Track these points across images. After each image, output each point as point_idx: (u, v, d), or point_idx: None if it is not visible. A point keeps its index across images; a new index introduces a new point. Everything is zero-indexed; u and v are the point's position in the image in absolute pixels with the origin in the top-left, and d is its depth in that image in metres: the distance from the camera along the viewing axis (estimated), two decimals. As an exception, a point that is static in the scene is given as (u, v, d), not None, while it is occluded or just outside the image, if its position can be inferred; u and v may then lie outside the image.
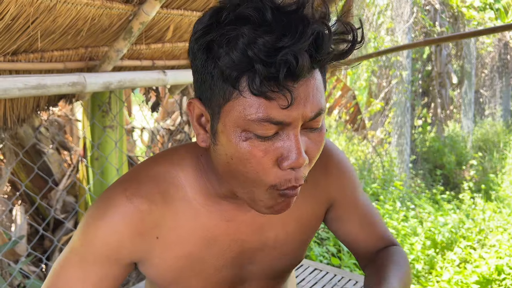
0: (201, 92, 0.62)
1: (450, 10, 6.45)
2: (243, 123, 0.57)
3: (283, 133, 0.59)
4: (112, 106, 2.14)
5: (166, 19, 1.69)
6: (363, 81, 5.33)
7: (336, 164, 0.82)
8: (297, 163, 0.58)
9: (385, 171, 4.87)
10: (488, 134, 7.92)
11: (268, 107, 0.56)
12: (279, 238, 0.77)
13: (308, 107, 0.58)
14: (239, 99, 0.57)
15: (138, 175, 0.71)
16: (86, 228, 0.69)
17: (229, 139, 0.59)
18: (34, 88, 1.44)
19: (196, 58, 0.60)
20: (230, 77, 0.56)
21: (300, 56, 0.53)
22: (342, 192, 0.83)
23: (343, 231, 0.85)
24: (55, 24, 1.40)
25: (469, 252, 3.35)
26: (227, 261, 0.75)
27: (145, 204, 0.68)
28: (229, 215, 0.73)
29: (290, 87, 0.55)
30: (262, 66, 0.53)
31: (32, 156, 2.20)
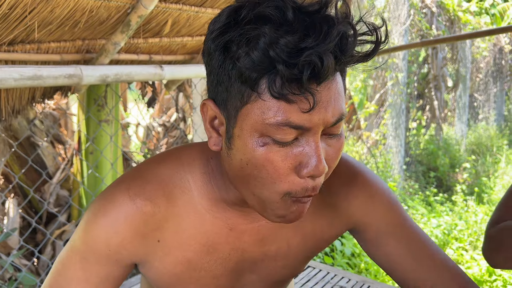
0: (216, 93, 0.59)
1: (447, 14, 6.49)
2: (261, 127, 0.54)
3: (302, 138, 0.56)
4: (108, 100, 2.14)
5: (164, 13, 1.68)
6: (359, 81, 5.35)
7: (363, 185, 0.75)
8: (317, 171, 0.55)
9: (379, 172, 4.89)
10: (481, 138, 7.97)
11: (288, 111, 0.53)
12: (281, 252, 0.74)
13: (329, 112, 0.55)
14: (257, 102, 0.54)
15: (143, 174, 0.69)
16: (87, 226, 0.68)
17: (245, 143, 0.56)
18: (30, 79, 1.43)
19: (213, 58, 0.57)
20: (249, 79, 0.53)
21: (325, 57, 0.50)
22: (379, 216, 0.75)
23: (382, 256, 0.76)
24: (52, 15, 1.39)
25: (461, 253, 3.37)
26: (226, 270, 0.73)
27: (148, 206, 0.66)
28: (232, 223, 0.70)
29: (313, 90, 0.52)
30: (285, 67, 0.50)
31: (26, 148, 2.19)
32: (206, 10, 1.77)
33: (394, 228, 0.75)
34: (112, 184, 0.70)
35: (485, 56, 8.69)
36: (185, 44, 1.99)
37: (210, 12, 1.80)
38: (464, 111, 7.75)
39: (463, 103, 7.68)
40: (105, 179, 2.13)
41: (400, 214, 0.76)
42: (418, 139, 6.27)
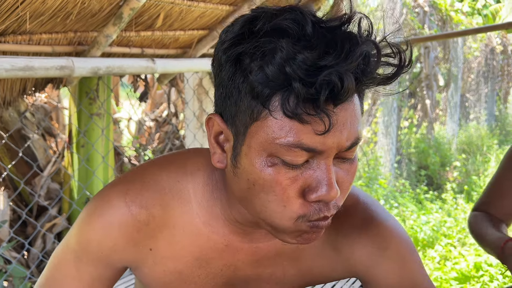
0: (224, 107, 0.55)
1: (439, 13, 6.54)
2: (271, 146, 0.51)
3: (313, 161, 0.52)
4: (100, 94, 2.14)
5: (156, 6, 1.69)
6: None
7: (376, 234, 0.67)
8: (327, 196, 0.52)
9: (370, 170, 4.93)
10: (472, 137, 8.05)
11: (301, 132, 0.49)
12: (275, 277, 0.71)
13: (344, 135, 0.51)
14: (268, 120, 0.50)
15: (144, 179, 0.66)
16: (82, 226, 0.68)
17: (252, 163, 0.53)
18: (21, 69, 1.44)
19: (223, 70, 0.54)
20: (261, 94, 0.50)
21: (345, 78, 0.46)
22: (392, 273, 0.66)
23: None
24: (44, 5, 1.39)
25: (449, 249, 3.42)
26: (217, 285, 0.70)
27: (144, 214, 0.64)
28: (229, 239, 0.66)
29: (330, 112, 0.49)
30: (301, 85, 0.47)
31: (16, 141, 2.18)
32: (199, 4, 1.78)
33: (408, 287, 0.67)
34: (110, 184, 0.68)
35: (477, 56, 8.77)
36: (178, 38, 2.00)
37: (203, 6, 1.81)
38: (455, 110, 7.82)
39: (455, 103, 7.75)
40: (96, 172, 2.13)
41: (417, 272, 0.67)
42: (410, 138, 6.32)
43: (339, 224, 0.66)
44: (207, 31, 2.05)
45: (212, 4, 1.84)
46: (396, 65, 0.51)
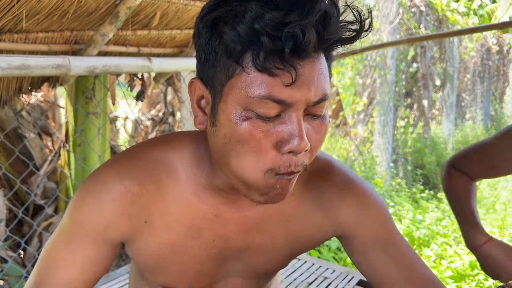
0: (204, 71, 0.60)
1: (435, 13, 6.56)
2: (245, 101, 0.55)
3: (285, 115, 0.56)
4: (96, 93, 2.14)
5: (153, 5, 1.69)
6: (347, 79, 5.40)
7: (358, 195, 0.74)
8: (298, 148, 0.56)
9: (366, 169, 4.95)
10: (468, 137, 8.09)
11: (271, 84, 0.54)
12: (264, 244, 0.74)
13: (312, 90, 0.56)
14: (241, 76, 0.55)
15: (133, 155, 0.70)
16: (76, 206, 0.69)
17: (229, 118, 0.57)
18: (17, 68, 1.43)
19: (201, 36, 0.59)
20: (234, 52, 0.55)
21: (307, 31, 0.52)
22: (369, 228, 0.75)
23: (368, 267, 0.76)
24: (40, 4, 1.39)
25: (445, 248, 3.44)
26: (209, 256, 0.73)
27: (136, 186, 0.67)
28: (218, 210, 0.70)
29: (295, 64, 0.54)
30: (268, 39, 0.52)
31: (13, 140, 2.18)
32: (195, 3, 1.78)
33: (384, 242, 0.75)
34: (102, 165, 0.71)
35: (473, 56, 8.81)
36: (174, 37, 2.00)
37: (199, 5, 1.81)
38: (451, 110, 7.85)
39: (451, 102, 7.78)
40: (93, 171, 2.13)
41: (391, 228, 0.77)
42: (406, 137, 6.34)
43: (323, 189, 0.74)
44: (204, 30, 2.05)
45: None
46: (356, 29, 0.56)
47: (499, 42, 9.80)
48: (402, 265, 0.75)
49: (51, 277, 0.69)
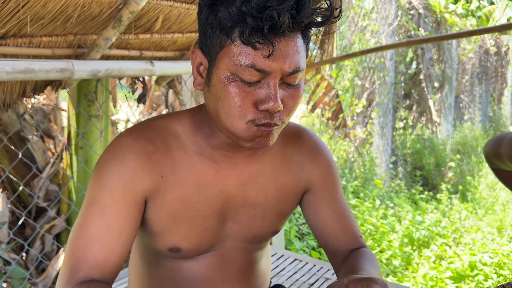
0: (203, 42, 0.74)
1: (434, 15, 6.59)
2: (233, 67, 0.69)
3: (264, 81, 0.70)
4: (98, 96, 2.15)
5: (155, 9, 1.71)
6: (347, 81, 5.42)
7: (324, 157, 0.93)
8: (272, 107, 0.69)
9: (366, 170, 4.96)
10: (466, 138, 8.11)
11: (254, 56, 0.67)
12: (259, 200, 0.87)
13: (287, 63, 0.69)
14: (231, 47, 0.69)
15: (141, 125, 0.82)
16: (100, 171, 0.77)
17: (219, 80, 0.71)
18: (22, 72, 1.45)
19: (202, 13, 0.72)
20: (225, 27, 0.68)
21: (281, 14, 0.64)
22: (324, 181, 0.92)
23: (315, 217, 0.92)
24: (45, 9, 1.41)
25: (445, 249, 3.45)
26: (214, 212, 0.83)
27: (150, 145, 0.78)
28: (218, 166, 0.83)
29: (273, 40, 0.67)
30: (252, 19, 0.65)
31: (15, 143, 2.19)
32: (197, 7, 1.80)
33: (333, 196, 0.93)
34: (116, 136, 0.81)
35: (471, 57, 8.84)
36: (176, 41, 2.02)
37: (201, 9, 1.83)
38: (450, 111, 7.88)
39: (449, 104, 7.80)
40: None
41: (340, 189, 0.95)
42: (405, 139, 6.36)
43: (297, 147, 0.91)
44: (205, 34, 2.07)
45: (210, 7, 1.86)
46: (328, 15, 0.69)
47: (497, 44, 9.84)
48: (339, 217, 0.92)
49: (88, 252, 0.73)
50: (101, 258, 0.73)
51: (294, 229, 3.21)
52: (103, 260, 0.73)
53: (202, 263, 0.87)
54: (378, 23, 5.30)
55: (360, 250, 0.90)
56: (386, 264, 3.23)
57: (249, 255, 0.91)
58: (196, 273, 0.87)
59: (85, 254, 0.73)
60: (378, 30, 5.28)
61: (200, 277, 0.87)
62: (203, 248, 0.85)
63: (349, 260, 0.87)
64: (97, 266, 0.73)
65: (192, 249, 0.84)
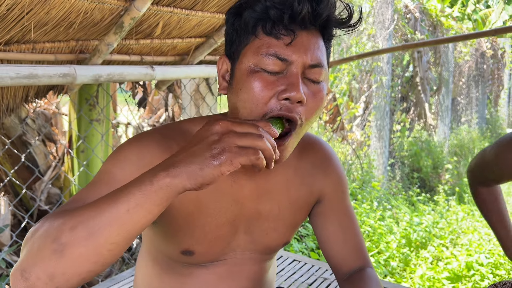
0: (228, 49, 0.78)
1: (430, 19, 6.65)
2: (256, 59, 0.72)
3: (286, 72, 0.72)
4: (99, 100, 2.19)
5: (156, 15, 1.74)
6: (344, 84, 5.46)
7: (335, 168, 0.94)
8: (294, 96, 0.70)
9: (364, 173, 5.00)
10: (463, 140, 8.16)
11: (276, 45, 0.71)
12: (272, 213, 0.87)
13: (308, 55, 0.72)
14: (254, 41, 0.73)
15: (168, 125, 0.84)
16: (119, 149, 0.77)
17: (242, 73, 0.73)
18: (25, 77, 1.48)
19: (228, 23, 0.77)
20: (249, 25, 0.73)
21: (301, 3, 0.69)
22: (334, 193, 0.93)
23: (322, 228, 0.93)
24: (48, 16, 1.45)
25: (442, 250, 3.49)
26: (227, 220, 0.84)
27: (175, 145, 0.79)
28: (235, 177, 0.83)
29: (294, 29, 0.71)
30: (275, 10, 0.70)
31: (18, 147, 2.22)
32: (197, 13, 1.84)
33: (342, 208, 0.94)
34: (141, 132, 0.83)
35: (467, 60, 8.90)
36: (176, 46, 2.05)
37: (200, 15, 1.87)
38: (447, 114, 7.93)
39: (446, 106, 7.86)
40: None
41: (349, 201, 0.96)
42: (402, 141, 6.40)
43: (311, 158, 0.91)
44: (204, 39, 2.11)
45: (209, 13, 1.90)
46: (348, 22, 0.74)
47: (493, 47, 9.91)
48: (346, 229, 0.93)
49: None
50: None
51: (293, 231, 3.23)
52: None
53: (212, 271, 0.88)
54: (375, 27, 5.36)
55: (365, 274, 0.90)
56: (384, 265, 3.26)
57: (259, 265, 0.92)
58: (205, 280, 0.88)
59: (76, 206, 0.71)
60: (374, 34, 5.33)
61: (209, 284, 0.88)
62: (215, 255, 0.86)
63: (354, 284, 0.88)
64: None
65: (205, 254, 0.85)
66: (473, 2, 9.88)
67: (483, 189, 1.21)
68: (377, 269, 3.13)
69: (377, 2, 5.35)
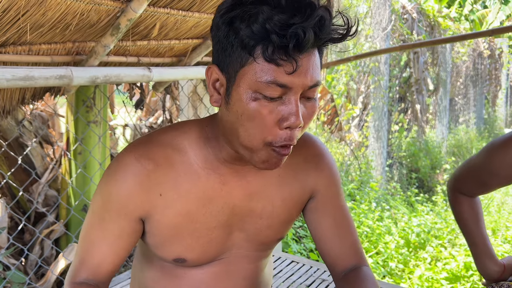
0: (220, 59, 0.73)
1: (427, 19, 6.66)
2: (254, 84, 0.69)
3: (286, 97, 0.70)
4: (97, 102, 2.18)
5: (152, 17, 1.74)
6: (341, 85, 5.47)
7: (328, 164, 0.94)
8: (294, 124, 0.70)
9: (362, 173, 5.00)
10: (461, 140, 8.18)
11: (276, 72, 0.68)
12: (266, 210, 0.87)
13: (308, 77, 0.70)
14: (253, 65, 0.69)
15: (147, 140, 0.83)
16: (102, 186, 0.81)
17: (241, 98, 0.70)
18: (22, 79, 1.48)
19: (219, 31, 0.72)
20: (248, 45, 0.68)
21: (307, 31, 0.65)
22: (327, 188, 0.93)
23: (316, 224, 0.93)
24: (44, 17, 1.44)
25: (440, 250, 3.49)
26: (219, 223, 0.84)
27: (151, 164, 0.79)
28: (225, 179, 0.83)
29: (296, 57, 0.67)
30: (277, 36, 0.65)
31: (15, 149, 2.22)
32: (193, 14, 1.84)
33: (335, 203, 0.94)
34: (122, 150, 0.83)
35: (465, 60, 8.92)
36: (173, 47, 2.05)
37: (197, 16, 1.87)
38: (444, 114, 7.94)
39: (444, 106, 7.87)
40: (94, 178, 2.17)
41: (342, 196, 0.96)
42: (400, 141, 6.41)
43: (304, 155, 0.91)
44: (201, 40, 2.10)
45: (206, 14, 1.89)
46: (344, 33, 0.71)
47: (490, 47, 9.93)
48: (340, 229, 0.93)
49: (89, 256, 0.82)
50: (95, 263, 0.82)
51: (291, 231, 3.24)
52: (97, 265, 0.82)
53: (207, 271, 0.88)
54: (372, 27, 5.36)
55: (361, 273, 0.90)
56: (383, 266, 3.26)
57: (254, 263, 0.92)
58: (201, 280, 0.88)
59: (87, 257, 0.83)
60: (372, 34, 5.34)
61: (205, 284, 0.88)
62: (209, 258, 0.87)
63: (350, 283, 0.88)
64: (93, 269, 0.82)
65: (197, 259, 0.86)
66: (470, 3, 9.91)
67: (464, 198, 1.17)
68: (375, 270, 3.13)
69: (375, 3, 5.36)
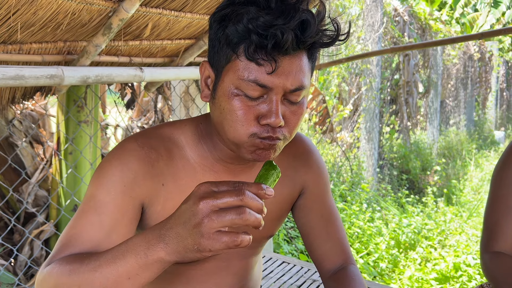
0: (211, 56, 0.76)
1: (418, 22, 6.72)
2: (237, 82, 0.71)
3: (266, 97, 0.72)
4: (88, 102, 2.17)
5: (144, 17, 1.74)
6: (333, 86, 5.49)
7: (316, 161, 0.96)
8: (273, 122, 0.71)
9: (353, 174, 5.02)
10: (452, 142, 8.25)
11: (257, 71, 0.69)
12: None
13: (289, 80, 0.71)
14: (236, 62, 0.71)
15: (147, 132, 0.84)
16: (102, 170, 0.78)
17: (224, 93, 0.73)
18: (12, 78, 1.47)
19: (212, 28, 0.75)
20: (232, 42, 0.70)
21: (286, 33, 0.67)
22: (316, 185, 0.95)
23: (304, 221, 0.95)
24: (35, 16, 1.43)
25: (430, 251, 3.52)
26: None
27: (154, 153, 0.80)
28: (219, 176, 0.85)
29: (276, 57, 0.69)
30: (257, 36, 0.67)
31: (4, 148, 2.20)
32: (186, 14, 1.84)
33: (324, 200, 0.96)
34: (123, 140, 0.83)
35: (456, 63, 9.01)
36: (165, 47, 2.05)
37: (189, 17, 1.87)
38: (435, 116, 8.01)
39: (435, 109, 7.94)
40: (84, 178, 2.16)
41: (330, 193, 0.99)
42: (391, 143, 6.45)
43: (293, 152, 0.93)
44: (194, 41, 2.10)
45: (198, 15, 1.89)
46: (333, 37, 0.72)
47: (481, 50, 10.04)
48: (327, 221, 0.95)
49: (76, 242, 0.74)
50: (85, 250, 0.75)
51: (283, 232, 3.24)
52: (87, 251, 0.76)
53: (198, 267, 0.89)
54: (364, 29, 5.39)
55: (349, 272, 0.91)
56: (373, 266, 3.28)
57: (245, 260, 0.93)
58: (192, 276, 0.89)
59: (73, 243, 0.75)
60: (364, 36, 5.37)
61: (195, 280, 0.89)
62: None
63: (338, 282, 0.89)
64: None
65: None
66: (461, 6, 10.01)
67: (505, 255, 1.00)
68: (366, 271, 3.15)
69: (367, 5, 5.39)
